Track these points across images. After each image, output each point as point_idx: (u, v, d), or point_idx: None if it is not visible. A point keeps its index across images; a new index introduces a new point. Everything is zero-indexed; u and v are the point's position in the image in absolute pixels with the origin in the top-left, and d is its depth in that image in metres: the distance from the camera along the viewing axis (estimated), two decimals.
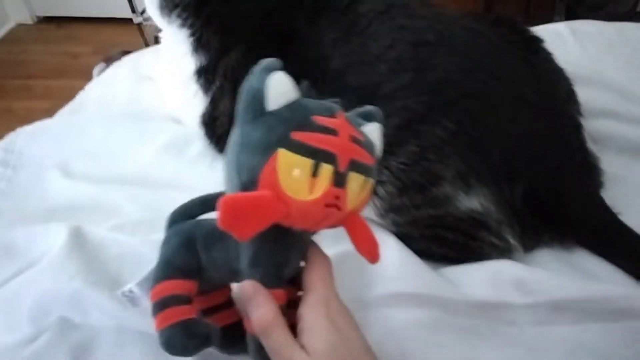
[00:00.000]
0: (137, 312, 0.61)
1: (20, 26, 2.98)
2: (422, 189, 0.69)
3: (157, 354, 0.60)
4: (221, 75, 0.84)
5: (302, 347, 0.46)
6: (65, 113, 1.02)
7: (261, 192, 0.44)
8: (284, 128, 0.45)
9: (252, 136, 0.45)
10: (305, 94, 0.49)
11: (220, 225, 0.42)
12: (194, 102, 0.87)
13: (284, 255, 0.49)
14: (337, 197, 0.45)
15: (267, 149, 0.44)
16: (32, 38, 2.91)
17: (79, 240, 0.69)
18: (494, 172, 0.68)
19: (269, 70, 0.46)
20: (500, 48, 0.74)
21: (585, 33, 1.03)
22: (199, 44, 0.85)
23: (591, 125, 0.83)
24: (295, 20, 0.82)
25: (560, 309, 0.61)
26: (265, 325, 0.47)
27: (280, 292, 0.48)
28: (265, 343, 0.47)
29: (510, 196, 0.68)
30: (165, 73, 0.94)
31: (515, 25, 0.81)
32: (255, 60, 0.80)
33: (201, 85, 0.86)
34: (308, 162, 0.44)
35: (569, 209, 0.70)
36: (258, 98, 0.45)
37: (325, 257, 0.52)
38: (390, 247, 0.69)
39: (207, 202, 0.55)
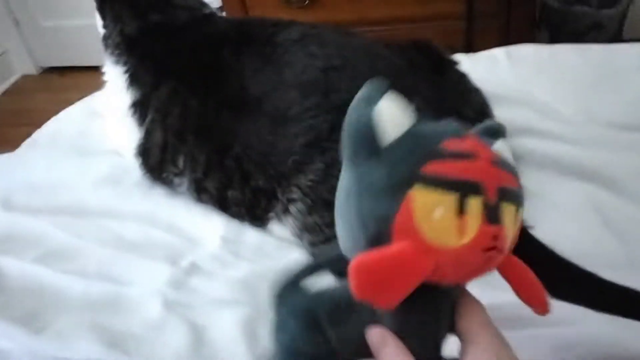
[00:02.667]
0: (48, 340, 0.64)
1: (24, 77, 3.07)
2: (331, 206, 0.70)
3: None
4: (153, 109, 0.87)
5: None
6: (21, 149, 1.06)
7: (399, 246, 0.35)
8: (413, 161, 0.36)
9: (374, 178, 0.36)
10: (417, 115, 0.40)
11: (357, 296, 0.34)
12: (129, 134, 0.90)
13: (436, 318, 0.40)
14: (495, 237, 0.36)
15: (397, 190, 0.35)
16: (36, 88, 3.00)
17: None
18: None
19: (377, 96, 0.38)
20: (403, 70, 0.77)
21: (519, 56, 1.06)
22: (133, 80, 0.89)
23: (512, 143, 0.84)
24: (221, 54, 0.86)
25: None
26: None
27: None
28: None
29: None
30: (107, 107, 0.98)
31: (430, 50, 0.83)
32: (184, 94, 0.85)
33: (136, 119, 0.89)
34: (451, 198, 0.35)
35: None
36: (369, 134, 0.37)
37: (476, 300, 0.42)
38: None
39: (319, 267, 0.45)
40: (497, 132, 0.43)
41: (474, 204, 0.35)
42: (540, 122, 0.88)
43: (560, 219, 0.74)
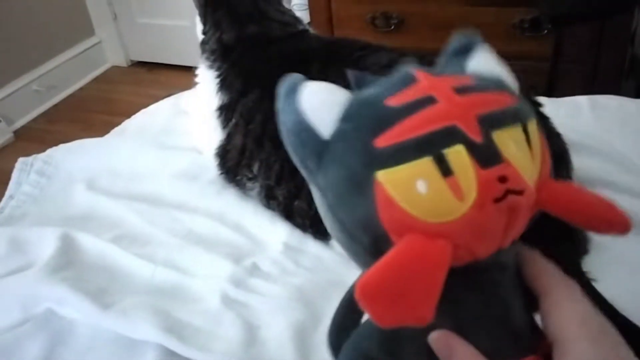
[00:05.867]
0: (113, 317, 0.67)
1: (114, 68, 3.23)
2: None
3: (124, 356, 0.66)
4: (238, 114, 0.91)
5: None
6: (110, 136, 1.13)
7: (400, 245, 0.28)
8: (360, 144, 0.30)
9: (332, 183, 0.31)
10: (358, 85, 0.35)
11: (381, 325, 0.28)
12: (213, 135, 0.94)
13: (497, 301, 0.33)
14: (501, 179, 0.29)
15: (361, 185, 0.29)
16: (123, 80, 3.15)
17: (78, 248, 0.79)
18: None
19: (294, 90, 0.33)
20: None
21: (604, 106, 1.04)
22: (223, 85, 0.94)
23: None
24: (308, 69, 0.89)
25: None
26: None
27: None
28: None
29: None
30: (195, 107, 1.04)
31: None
32: (268, 103, 0.89)
33: (221, 121, 0.94)
34: (425, 163, 0.28)
35: None
36: (304, 134, 0.31)
37: (564, 279, 0.35)
38: None
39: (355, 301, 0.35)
40: (469, 44, 0.36)
41: (457, 155, 0.28)
42: (617, 175, 0.87)
43: (623, 275, 0.73)
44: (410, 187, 0.28)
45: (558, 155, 0.80)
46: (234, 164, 0.90)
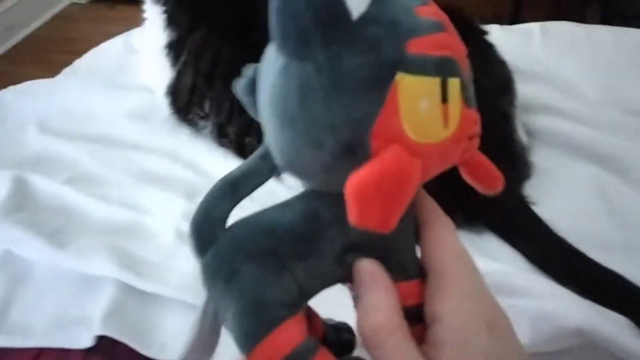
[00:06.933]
0: (70, 256, 0.69)
1: (73, 5, 3.12)
2: None
3: (82, 293, 0.68)
4: (187, 51, 0.90)
5: None
6: (61, 76, 1.12)
7: (392, 154, 0.28)
8: (395, 40, 0.28)
9: (347, 67, 0.28)
10: None
11: (358, 224, 0.27)
12: (162, 73, 0.93)
13: (412, 225, 0.34)
14: (475, 122, 0.31)
15: (383, 81, 0.28)
16: (84, 17, 3.05)
17: (32, 190, 0.79)
18: None
19: None
20: None
21: (554, 33, 1.05)
22: (170, 21, 0.92)
23: (531, 120, 0.86)
24: (257, 4, 0.88)
25: None
26: (374, 328, 0.31)
27: (417, 284, 0.33)
28: (374, 355, 0.31)
29: None
30: (143, 44, 1.02)
31: (459, 17, 0.83)
32: (217, 40, 0.88)
33: (170, 59, 0.93)
34: (436, 83, 0.29)
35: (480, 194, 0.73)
36: (333, 5, 0.28)
37: (444, 216, 0.35)
38: None
39: (239, 189, 0.34)
40: None
41: (454, 87, 0.29)
42: (561, 102, 0.89)
43: (564, 198, 0.76)
44: (416, 101, 0.28)
45: (502, 82, 0.82)
46: (185, 103, 0.90)
